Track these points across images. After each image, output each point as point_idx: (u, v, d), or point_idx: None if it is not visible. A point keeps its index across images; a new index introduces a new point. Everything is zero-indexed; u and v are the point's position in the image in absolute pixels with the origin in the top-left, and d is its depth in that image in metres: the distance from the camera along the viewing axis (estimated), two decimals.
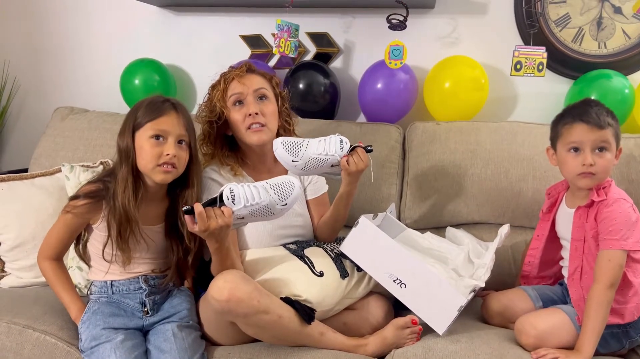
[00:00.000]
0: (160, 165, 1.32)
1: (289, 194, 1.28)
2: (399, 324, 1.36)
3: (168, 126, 1.33)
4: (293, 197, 1.29)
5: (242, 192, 1.24)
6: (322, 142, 1.41)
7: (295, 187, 1.29)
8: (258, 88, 1.51)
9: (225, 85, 1.51)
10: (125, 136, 1.33)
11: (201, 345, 1.35)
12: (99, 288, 1.39)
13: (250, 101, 1.49)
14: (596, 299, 1.26)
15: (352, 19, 2.09)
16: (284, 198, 1.27)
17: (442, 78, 1.94)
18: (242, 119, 1.49)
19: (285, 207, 1.29)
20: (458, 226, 1.79)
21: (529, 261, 1.54)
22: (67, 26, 2.29)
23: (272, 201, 1.26)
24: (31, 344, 1.34)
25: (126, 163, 1.32)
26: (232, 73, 1.53)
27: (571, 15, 1.94)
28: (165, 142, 1.32)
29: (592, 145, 1.33)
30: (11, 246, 1.66)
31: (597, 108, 1.35)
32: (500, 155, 1.78)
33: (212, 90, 1.54)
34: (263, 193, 1.25)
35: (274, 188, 1.27)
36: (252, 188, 1.25)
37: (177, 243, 1.40)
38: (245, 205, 1.24)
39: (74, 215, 1.33)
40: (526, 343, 1.29)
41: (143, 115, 1.33)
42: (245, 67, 1.55)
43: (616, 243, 1.27)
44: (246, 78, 1.51)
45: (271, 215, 1.28)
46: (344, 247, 1.43)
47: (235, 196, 1.23)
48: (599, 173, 1.34)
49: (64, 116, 2.07)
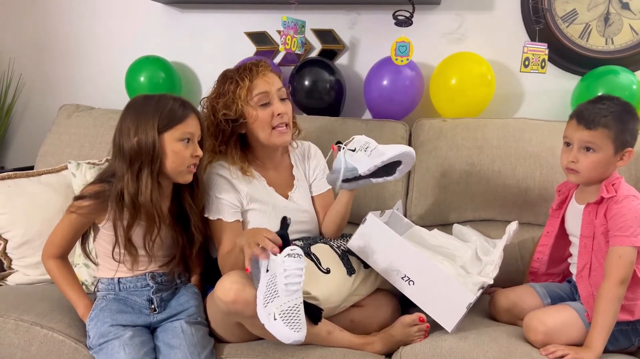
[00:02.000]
0: (188, 167, 1.34)
1: (296, 321, 1.16)
2: (407, 321, 1.36)
3: (193, 128, 1.34)
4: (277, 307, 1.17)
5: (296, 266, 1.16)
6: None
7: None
8: (280, 87, 1.49)
9: (251, 84, 1.45)
10: (149, 137, 1.29)
11: (210, 341, 1.35)
12: (106, 285, 1.39)
13: (276, 101, 1.47)
14: (606, 296, 1.26)
15: (357, 16, 2.09)
16: (270, 304, 1.17)
17: (448, 74, 1.93)
18: (269, 119, 1.45)
19: (271, 320, 1.17)
20: (465, 223, 1.78)
21: (538, 257, 1.53)
22: (72, 23, 2.29)
23: (273, 306, 1.16)
24: (39, 341, 1.34)
25: (150, 164, 1.29)
26: (255, 69, 1.47)
27: (578, 11, 1.93)
28: (193, 144, 1.34)
29: (578, 143, 1.34)
30: (18, 244, 1.66)
31: (601, 106, 1.33)
32: (507, 152, 1.77)
33: (234, 86, 1.45)
34: (287, 290, 1.16)
35: (284, 312, 1.16)
36: (299, 278, 1.18)
37: (181, 234, 1.41)
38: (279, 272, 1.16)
39: (79, 215, 1.33)
40: (535, 340, 1.28)
41: (169, 119, 1.31)
42: (265, 63, 1.50)
43: (626, 240, 1.27)
44: (270, 77, 1.48)
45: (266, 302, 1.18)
46: (351, 244, 1.42)
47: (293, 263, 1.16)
48: (582, 171, 1.35)
49: (69, 113, 2.07)
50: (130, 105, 1.36)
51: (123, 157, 1.31)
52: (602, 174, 1.35)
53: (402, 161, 1.36)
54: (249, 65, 1.49)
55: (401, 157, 1.35)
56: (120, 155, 1.32)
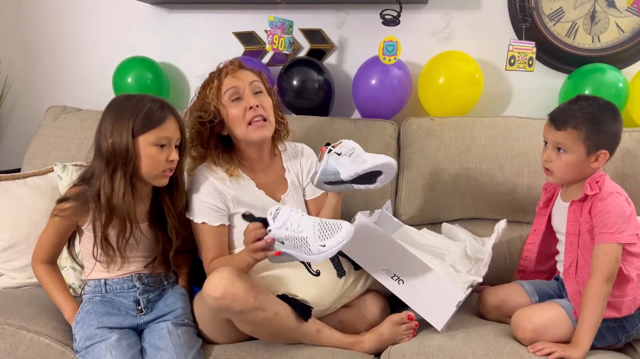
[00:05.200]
0: (163, 171, 1.33)
1: (330, 234, 1.18)
2: (395, 320, 1.36)
3: (170, 132, 1.33)
4: (335, 240, 1.17)
5: (286, 214, 1.20)
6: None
7: (342, 232, 1.18)
8: (253, 81, 1.49)
9: (220, 82, 1.47)
10: (123, 139, 1.28)
11: (197, 341, 1.34)
12: (93, 287, 1.38)
13: (248, 94, 1.47)
14: (593, 293, 1.26)
15: (345, 15, 2.09)
16: (324, 237, 1.18)
17: (436, 73, 1.93)
18: (242, 114, 1.45)
19: (324, 249, 1.17)
20: (454, 221, 1.78)
21: (526, 255, 1.54)
22: (59, 24, 2.27)
23: (312, 236, 1.18)
24: (25, 345, 1.33)
25: (123, 167, 1.29)
26: (224, 69, 1.50)
27: (565, 10, 1.94)
28: (169, 148, 1.33)
29: (550, 143, 1.36)
30: (4, 247, 1.65)
31: (574, 107, 1.33)
32: (495, 151, 1.77)
33: (204, 89, 1.49)
34: (307, 223, 1.19)
35: (320, 225, 1.19)
36: (299, 216, 1.21)
37: (161, 234, 1.41)
38: (282, 227, 1.19)
39: (62, 217, 1.33)
40: (523, 337, 1.29)
41: (144, 122, 1.30)
42: (237, 62, 1.53)
43: (611, 237, 1.27)
44: (239, 73, 1.49)
45: (309, 252, 1.19)
46: None
47: (278, 214, 1.20)
48: (555, 171, 1.36)
49: (56, 115, 2.05)
50: (111, 105, 1.36)
51: (101, 157, 1.32)
52: (579, 175, 1.35)
53: (382, 171, 1.36)
54: (219, 66, 1.52)
55: (382, 167, 1.34)
56: (98, 155, 1.33)
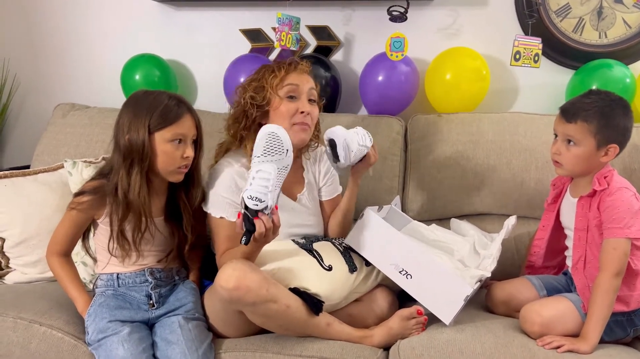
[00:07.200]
0: (179, 167, 1.34)
1: (281, 144, 1.23)
2: (404, 315, 1.37)
3: (186, 129, 1.34)
4: (284, 140, 1.24)
5: (256, 189, 1.20)
6: (355, 133, 1.42)
7: (280, 132, 1.24)
8: (312, 87, 1.49)
9: (286, 74, 1.46)
10: (139, 136, 1.30)
11: (208, 336, 1.35)
12: (105, 281, 1.40)
13: (304, 98, 1.46)
14: (602, 287, 1.27)
15: (352, 12, 2.09)
16: (280, 151, 1.23)
17: (443, 69, 1.94)
18: (291, 113, 1.44)
19: (288, 152, 1.25)
20: (461, 217, 1.79)
21: (535, 251, 1.54)
22: (67, 22, 2.28)
23: (277, 164, 1.23)
24: (38, 339, 1.34)
25: (139, 163, 1.30)
26: (294, 64, 1.48)
27: (571, 5, 1.94)
28: (184, 145, 1.34)
29: (561, 135, 1.37)
30: (15, 242, 1.66)
31: (586, 101, 1.34)
32: (502, 146, 1.78)
33: (266, 74, 1.47)
34: (268, 168, 1.22)
35: (267, 154, 1.23)
36: (258, 175, 1.22)
37: (177, 228, 1.42)
38: (271, 191, 1.21)
39: (79, 211, 1.35)
40: (531, 331, 1.29)
41: (161, 119, 1.31)
42: (307, 63, 1.52)
43: (620, 231, 1.28)
44: (305, 75, 1.49)
45: (286, 169, 1.25)
46: (349, 239, 1.43)
47: (258, 197, 1.20)
48: (564, 164, 1.37)
49: (65, 112, 2.07)
50: (129, 100, 1.38)
51: (119, 152, 1.33)
52: (588, 168, 1.36)
53: (335, 140, 1.39)
54: (290, 59, 1.51)
55: (330, 134, 1.41)
56: (117, 150, 1.34)
